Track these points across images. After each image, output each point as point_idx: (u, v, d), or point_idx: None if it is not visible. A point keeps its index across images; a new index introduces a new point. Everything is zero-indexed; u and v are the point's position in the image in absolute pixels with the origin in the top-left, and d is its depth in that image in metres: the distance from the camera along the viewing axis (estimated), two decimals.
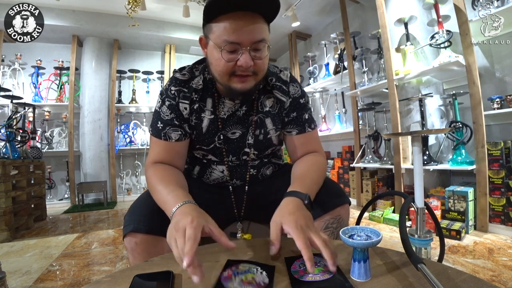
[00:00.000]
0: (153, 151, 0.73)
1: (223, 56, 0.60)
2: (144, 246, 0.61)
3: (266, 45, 0.62)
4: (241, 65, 0.60)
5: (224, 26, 0.58)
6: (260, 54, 0.62)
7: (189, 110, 0.72)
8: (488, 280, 1.13)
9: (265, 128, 0.76)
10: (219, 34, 0.60)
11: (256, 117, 0.75)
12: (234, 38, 0.58)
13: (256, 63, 0.62)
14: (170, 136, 0.71)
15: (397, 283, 0.43)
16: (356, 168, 2.67)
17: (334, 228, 0.69)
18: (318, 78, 3.36)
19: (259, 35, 0.60)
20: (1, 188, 1.89)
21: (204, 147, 0.76)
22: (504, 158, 1.69)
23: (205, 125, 0.74)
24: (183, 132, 0.73)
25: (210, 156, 0.78)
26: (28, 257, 1.60)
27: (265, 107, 0.76)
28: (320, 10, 3.18)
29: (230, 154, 0.77)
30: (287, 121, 0.78)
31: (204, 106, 0.73)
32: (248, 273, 0.45)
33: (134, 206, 0.68)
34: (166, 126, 0.71)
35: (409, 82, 2.20)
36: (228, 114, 0.74)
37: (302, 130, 0.78)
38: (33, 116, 2.74)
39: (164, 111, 0.71)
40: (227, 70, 0.62)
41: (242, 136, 0.76)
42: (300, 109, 0.77)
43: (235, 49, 0.60)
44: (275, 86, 0.75)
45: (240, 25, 0.58)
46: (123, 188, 3.72)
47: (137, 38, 3.61)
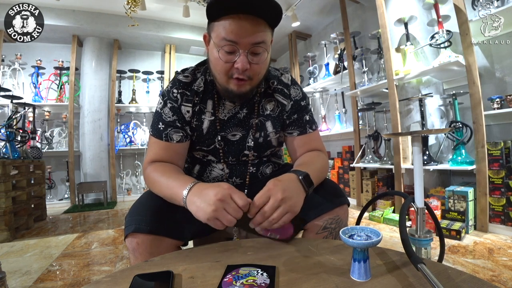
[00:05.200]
0: (152, 151, 0.73)
1: (221, 56, 0.61)
2: (146, 246, 0.61)
3: (266, 48, 0.62)
4: (237, 67, 0.61)
5: (224, 26, 0.59)
6: (258, 58, 0.62)
7: (191, 113, 0.72)
8: (488, 280, 1.13)
9: (265, 131, 0.77)
10: (219, 33, 0.60)
11: (257, 120, 0.76)
12: (232, 37, 0.59)
13: (253, 67, 0.62)
14: (172, 137, 0.72)
15: (397, 283, 0.43)
16: (356, 168, 2.67)
17: (332, 229, 0.69)
18: (318, 78, 3.36)
19: (258, 38, 0.60)
20: (1, 188, 1.89)
21: (204, 147, 0.77)
22: (504, 158, 1.69)
23: (205, 127, 0.74)
24: (185, 134, 0.73)
25: (210, 157, 0.79)
26: (28, 257, 1.60)
27: (266, 111, 0.76)
28: (320, 10, 3.18)
29: (230, 156, 0.77)
30: (288, 123, 0.78)
31: (204, 108, 0.74)
32: (248, 276, 0.45)
33: (135, 206, 0.67)
34: (168, 127, 0.71)
35: (409, 82, 2.20)
36: (228, 115, 0.75)
37: (303, 131, 0.79)
38: (33, 116, 2.74)
39: (166, 112, 0.71)
40: (225, 71, 0.63)
41: (242, 138, 0.76)
42: (301, 111, 0.78)
43: (233, 50, 0.60)
44: (277, 90, 0.76)
45: (240, 26, 0.58)
46: (123, 188, 3.72)
47: (137, 38, 3.61)
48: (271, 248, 0.59)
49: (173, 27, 3.59)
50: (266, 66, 0.67)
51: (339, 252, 0.55)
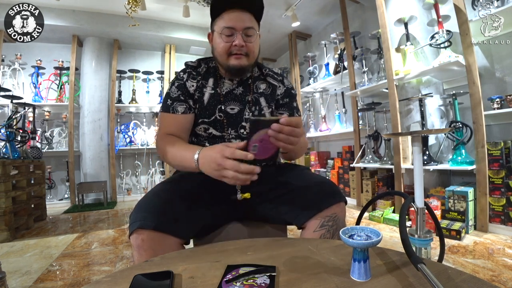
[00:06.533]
0: (163, 124, 0.87)
1: (223, 38, 0.79)
2: (151, 243, 0.61)
3: (256, 33, 0.81)
4: (235, 44, 0.78)
5: (224, 18, 0.79)
6: (251, 39, 0.81)
7: (195, 87, 0.86)
8: (488, 280, 1.13)
9: (260, 105, 0.90)
10: (220, 24, 0.79)
11: (251, 96, 0.89)
12: (230, 24, 0.78)
13: (248, 45, 0.80)
14: (177, 109, 0.84)
15: (397, 283, 0.43)
16: (356, 168, 2.67)
17: (330, 227, 0.70)
18: (318, 78, 3.36)
19: (249, 23, 0.79)
20: (1, 188, 1.89)
21: (206, 119, 0.86)
22: (504, 158, 1.69)
23: (206, 98, 0.86)
24: (188, 105, 0.85)
25: (212, 130, 0.86)
26: (28, 257, 1.60)
27: (259, 89, 0.91)
28: (320, 10, 3.19)
29: (230, 127, 0.87)
30: (281, 104, 0.94)
31: (206, 84, 0.88)
32: (248, 276, 0.45)
33: (140, 204, 0.68)
34: (174, 102, 0.85)
35: (409, 82, 2.20)
36: (226, 91, 0.88)
37: (292, 114, 0.95)
38: (33, 116, 2.74)
39: (173, 90, 0.86)
40: (225, 50, 0.80)
41: (239, 111, 0.87)
42: (291, 97, 0.96)
43: (231, 33, 0.79)
44: (269, 74, 0.94)
45: (235, 16, 0.79)
46: (123, 188, 3.72)
47: (137, 38, 3.61)
48: (271, 248, 0.59)
49: (173, 27, 3.59)
50: (257, 46, 0.84)
51: (339, 252, 0.55)
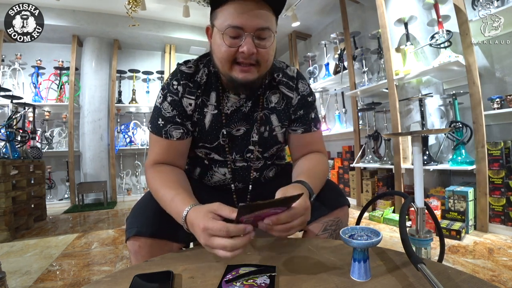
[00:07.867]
0: (153, 150, 0.70)
1: (225, 41, 0.57)
2: (148, 249, 0.60)
3: (272, 34, 0.59)
4: (243, 51, 0.56)
5: (229, 11, 0.56)
6: (265, 43, 0.58)
7: (194, 106, 0.68)
8: (488, 280, 1.13)
9: (271, 125, 0.73)
10: (223, 20, 0.57)
11: (262, 113, 0.72)
12: (237, 22, 0.55)
13: (260, 52, 0.58)
14: (172, 134, 0.68)
15: (397, 283, 0.43)
16: (356, 168, 2.67)
17: (332, 231, 0.68)
18: (318, 78, 3.36)
19: (264, 22, 0.57)
20: (1, 188, 1.89)
21: (207, 144, 0.72)
22: (504, 158, 1.69)
23: (208, 121, 0.70)
24: (185, 130, 0.69)
25: (213, 155, 0.74)
26: (28, 257, 1.60)
27: (270, 103, 0.72)
28: (320, 10, 3.18)
29: (234, 152, 0.73)
30: (294, 119, 0.74)
31: (207, 101, 0.70)
32: (248, 276, 0.45)
33: (136, 208, 0.66)
34: (168, 124, 0.67)
35: (409, 82, 2.20)
36: (232, 109, 0.70)
37: (308, 129, 0.75)
38: (33, 116, 2.74)
39: (165, 107, 0.67)
40: (228, 57, 0.58)
41: (246, 133, 0.72)
42: (307, 107, 0.75)
43: (238, 35, 0.57)
44: (281, 82, 0.72)
45: (245, 10, 0.55)
46: (123, 188, 3.72)
47: (137, 38, 3.61)
48: (271, 248, 0.59)
49: (173, 27, 3.59)
50: (273, 51, 0.62)
51: (339, 252, 0.55)
